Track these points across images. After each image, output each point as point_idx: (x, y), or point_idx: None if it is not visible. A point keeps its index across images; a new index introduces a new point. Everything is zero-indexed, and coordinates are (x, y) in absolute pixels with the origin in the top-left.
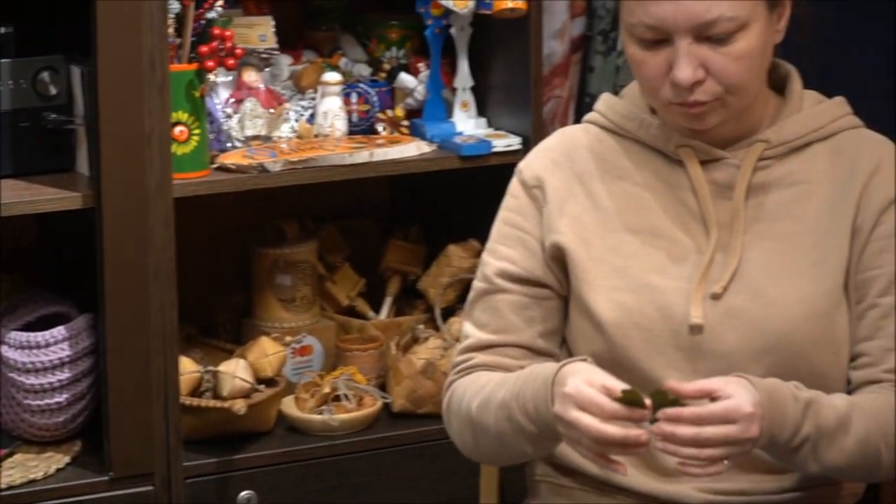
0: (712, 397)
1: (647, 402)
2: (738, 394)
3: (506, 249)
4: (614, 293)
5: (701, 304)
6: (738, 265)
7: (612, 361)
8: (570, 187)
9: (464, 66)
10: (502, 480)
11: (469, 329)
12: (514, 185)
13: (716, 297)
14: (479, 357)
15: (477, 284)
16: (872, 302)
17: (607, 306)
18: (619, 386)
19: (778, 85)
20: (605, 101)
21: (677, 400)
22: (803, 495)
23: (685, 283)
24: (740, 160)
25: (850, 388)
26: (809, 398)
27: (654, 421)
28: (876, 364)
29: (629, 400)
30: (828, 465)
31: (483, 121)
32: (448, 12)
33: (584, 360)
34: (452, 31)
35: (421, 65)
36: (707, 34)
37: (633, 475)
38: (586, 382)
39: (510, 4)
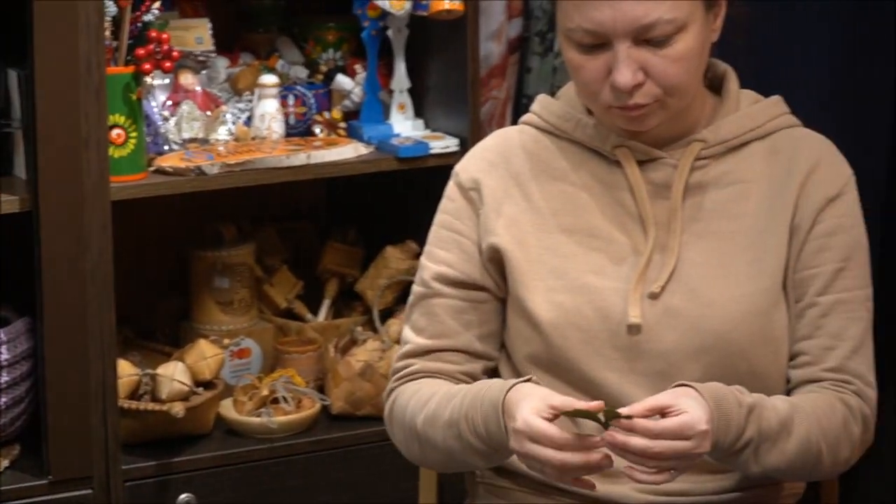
0: (664, 413)
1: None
2: (692, 409)
3: (443, 253)
4: (552, 294)
5: (639, 304)
6: (675, 265)
7: (549, 362)
8: (507, 189)
9: (401, 68)
10: (441, 482)
11: (408, 334)
12: (450, 188)
13: (654, 296)
14: (419, 363)
15: (415, 288)
16: (811, 300)
17: (545, 307)
18: (565, 401)
19: (714, 84)
20: (541, 103)
21: (629, 418)
22: (744, 495)
23: (623, 283)
24: (677, 160)
25: (790, 387)
26: (753, 403)
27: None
28: (815, 363)
29: (580, 416)
30: (768, 467)
31: (420, 122)
32: (385, 14)
33: (529, 379)
34: (389, 32)
35: (358, 66)
36: (646, 37)
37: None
38: (534, 413)
39: (447, 6)
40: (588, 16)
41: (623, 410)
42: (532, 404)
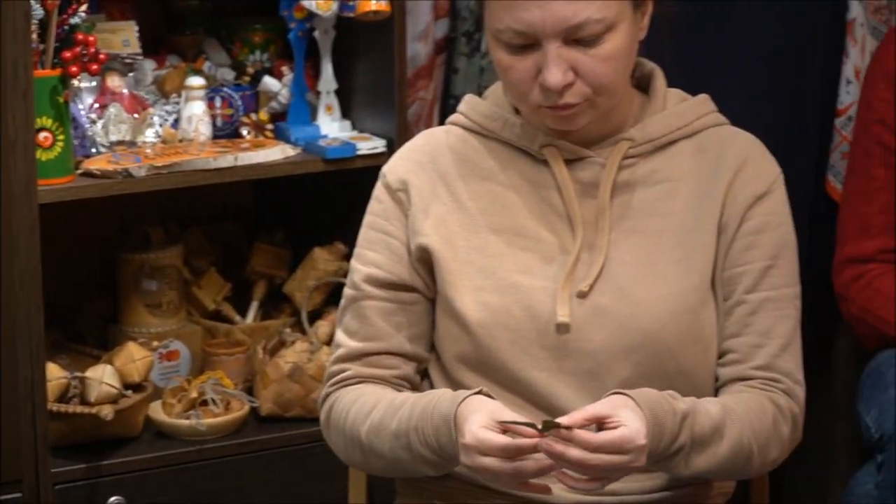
0: (601, 423)
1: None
2: (630, 422)
3: (372, 254)
4: (480, 294)
5: (567, 303)
6: (603, 264)
7: (478, 362)
8: (435, 189)
9: (327, 69)
10: (371, 483)
11: (340, 337)
12: (378, 190)
13: (582, 295)
14: (354, 368)
15: (346, 291)
16: (740, 298)
17: (473, 307)
18: (513, 417)
19: (642, 84)
20: (468, 103)
21: (569, 429)
22: (674, 494)
23: (551, 283)
24: (605, 159)
25: (718, 385)
26: (686, 409)
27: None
28: (744, 361)
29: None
30: (699, 470)
31: (347, 123)
32: (311, 15)
33: (480, 391)
34: (316, 34)
35: (285, 68)
36: (575, 37)
37: None
38: (481, 427)
39: (373, 7)
40: (517, 17)
41: (562, 420)
42: (479, 419)
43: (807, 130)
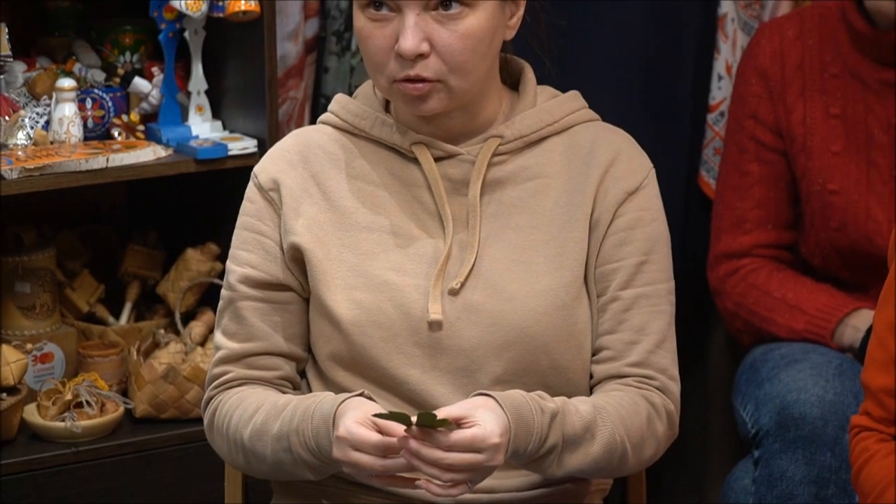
0: (459, 423)
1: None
2: (486, 421)
3: (247, 255)
4: (352, 292)
5: (439, 301)
6: (475, 261)
7: (351, 361)
8: (306, 188)
9: (198, 70)
10: (247, 482)
11: (220, 339)
12: (250, 190)
13: (454, 292)
14: (235, 370)
15: (223, 293)
16: (614, 295)
17: (345, 305)
18: (388, 423)
19: (513, 82)
20: (338, 102)
21: (445, 421)
22: (551, 491)
23: (423, 280)
24: (475, 156)
25: (593, 383)
26: (556, 409)
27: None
28: (619, 358)
29: (392, 418)
30: (572, 470)
31: (218, 124)
32: (181, 16)
33: (361, 393)
34: (186, 34)
35: (155, 69)
36: (435, 7)
37: None
38: (356, 422)
39: (243, 7)
40: None
41: (441, 413)
42: (355, 415)
43: (679, 126)
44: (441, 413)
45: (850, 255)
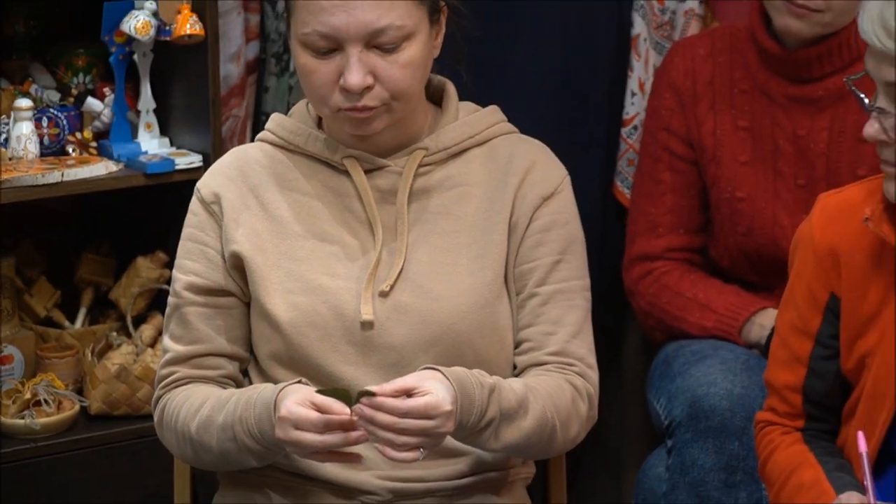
0: (410, 394)
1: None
2: (437, 390)
3: (191, 263)
4: (289, 296)
5: (370, 302)
6: (403, 264)
7: (290, 360)
8: (245, 200)
9: (146, 90)
10: (195, 475)
11: (167, 343)
12: (193, 204)
13: (384, 294)
14: (182, 371)
15: (170, 300)
16: (532, 291)
17: (283, 308)
18: (324, 398)
19: (435, 97)
20: (274, 120)
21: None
22: (477, 479)
23: (355, 283)
24: (402, 167)
25: (516, 373)
26: (493, 383)
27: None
28: (538, 348)
29: (333, 394)
30: (508, 444)
31: (166, 140)
32: (131, 39)
33: (299, 381)
34: (135, 57)
35: (107, 89)
36: (376, 42)
37: (324, 465)
38: (296, 403)
39: (188, 31)
40: (323, 20)
41: (374, 388)
42: (296, 398)
43: (596, 139)
44: (394, 384)
45: (756, 258)
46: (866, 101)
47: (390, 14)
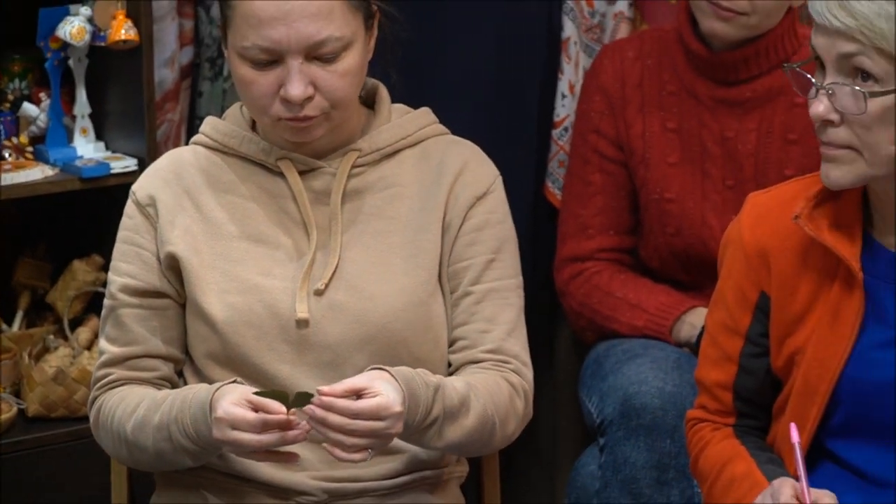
0: (360, 394)
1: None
2: (387, 391)
3: (126, 266)
4: (225, 295)
5: (305, 301)
6: (337, 264)
7: (226, 359)
8: (180, 202)
9: (82, 95)
10: (132, 476)
11: (103, 345)
12: (128, 206)
13: (319, 293)
14: (117, 372)
15: (106, 302)
16: (466, 290)
17: (219, 308)
18: (264, 400)
19: (368, 100)
20: (209, 123)
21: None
22: (412, 478)
23: (290, 283)
24: (336, 169)
25: (451, 371)
26: (437, 383)
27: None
28: (474, 346)
29: (270, 395)
30: (451, 442)
31: (101, 144)
32: (66, 45)
33: (235, 381)
34: (70, 62)
35: (43, 94)
36: (316, 54)
37: (260, 466)
38: (232, 403)
39: (123, 36)
40: (264, 34)
41: (324, 389)
42: (232, 398)
43: (527, 141)
44: (344, 384)
45: (685, 258)
46: (814, 80)
47: (329, 26)
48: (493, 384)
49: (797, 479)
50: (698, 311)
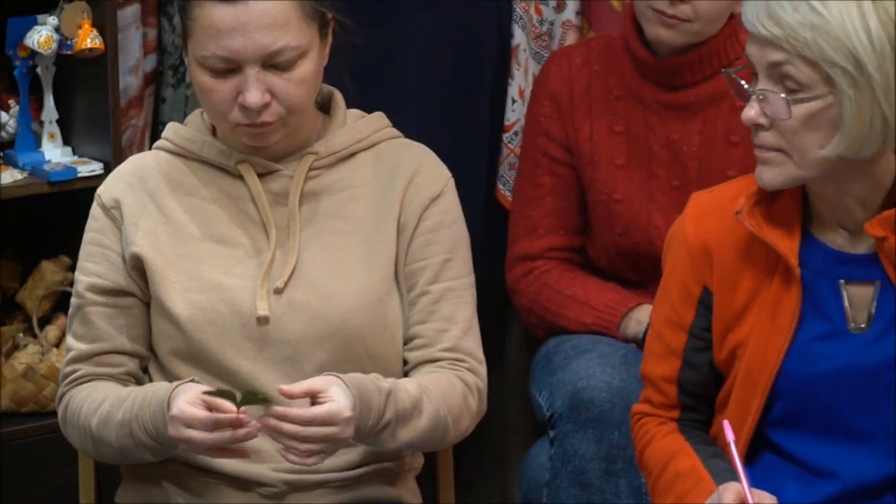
0: (315, 395)
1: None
2: (338, 397)
3: (93, 266)
4: (188, 294)
5: (265, 299)
6: (296, 263)
7: (190, 355)
8: (144, 205)
9: (50, 102)
10: (99, 469)
11: (70, 342)
12: (94, 209)
13: (278, 291)
14: (84, 368)
15: (73, 300)
16: (423, 289)
17: (183, 306)
18: (216, 399)
19: (324, 105)
20: (171, 129)
21: (267, 398)
22: (369, 470)
23: (251, 282)
24: (293, 171)
25: (409, 368)
26: (389, 387)
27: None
28: (432, 345)
29: (220, 395)
30: (404, 443)
31: (69, 149)
32: (34, 53)
33: (192, 380)
34: (38, 70)
35: (11, 101)
36: (273, 62)
37: (221, 459)
38: (187, 402)
39: (89, 45)
40: (222, 44)
41: (283, 389)
42: (187, 397)
43: (478, 145)
44: (303, 385)
45: (632, 256)
46: (746, 86)
47: (285, 36)
48: (446, 384)
49: (737, 475)
50: (645, 307)
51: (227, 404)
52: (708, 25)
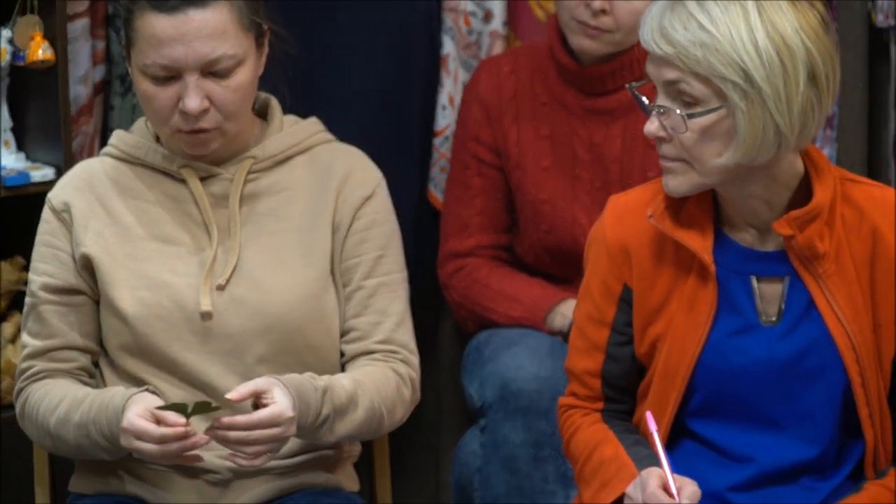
0: (259, 396)
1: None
2: (279, 399)
3: (45, 266)
4: (135, 292)
5: (208, 295)
6: (237, 261)
7: (138, 349)
8: (92, 208)
9: (4, 111)
10: (52, 459)
11: (25, 339)
12: (45, 212)
13: (220, 288)
14: (39, 364)
15: (27, 300)
16: (358, 285)
17: (130, 303)
18: (165, 413)
19: (261, 112)
20: (117, 136)
21: (217, 406)
22: (310, 458)
23: (195, 279)
24: (233, 175)
25: (346, 360)
26: (325, 385)
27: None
28: (367, 337)
29: (171, 408)
30: (341, 435)
31: (22, 155)
32: None
33: (146, 389)
34: None
35: None
36: (211, 70)
37: None
38: (137, 415)
39: (41, 56)
40: (163, 53)
41: (231, 395)
42: (137, 409)
43: (410, 149)
44: (246, 387)
45: (558, 253)
46: (647, 102)
47: (223, 45)
48: (380, 377)
49: (659, 462)
50: (570, 302)
51: (175, 417)
52: (629, 35)
